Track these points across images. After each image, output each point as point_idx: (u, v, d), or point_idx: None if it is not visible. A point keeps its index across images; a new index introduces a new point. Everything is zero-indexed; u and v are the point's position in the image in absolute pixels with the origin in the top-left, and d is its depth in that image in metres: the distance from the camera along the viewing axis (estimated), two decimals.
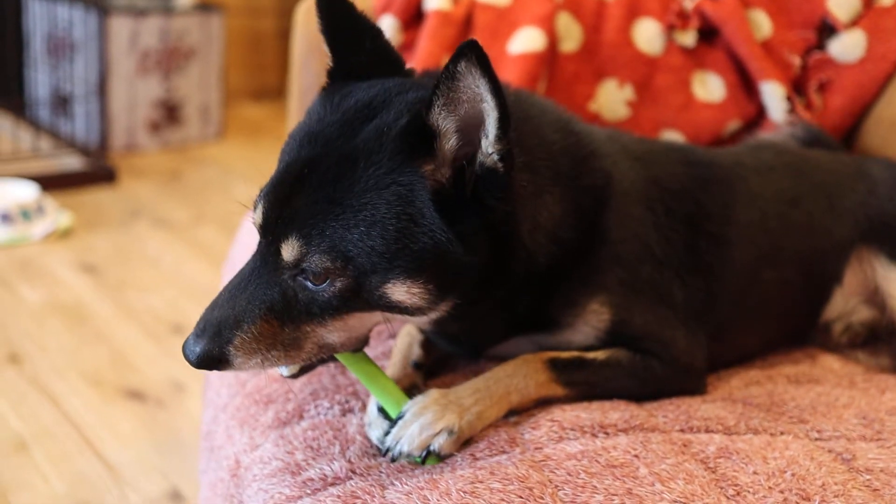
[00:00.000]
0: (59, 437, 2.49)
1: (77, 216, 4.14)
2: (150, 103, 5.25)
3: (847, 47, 2.05)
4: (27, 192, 4.00)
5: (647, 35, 2.14)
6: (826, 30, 2.09)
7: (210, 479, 1.47)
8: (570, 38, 2.14)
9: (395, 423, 1.21)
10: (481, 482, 1.11)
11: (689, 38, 2.13)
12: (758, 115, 2.13)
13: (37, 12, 5.12)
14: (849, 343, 1.69)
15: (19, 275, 3.53)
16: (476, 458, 1.18)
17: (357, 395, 1.39)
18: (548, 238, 1.28)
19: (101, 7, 4.79)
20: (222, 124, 5.70)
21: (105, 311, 3.28)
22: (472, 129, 1.10)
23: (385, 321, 1.21)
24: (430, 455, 1.18)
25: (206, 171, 5.08)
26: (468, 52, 1.01)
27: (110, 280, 3.55)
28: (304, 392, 1.40)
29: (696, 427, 1.28)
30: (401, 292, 1.13)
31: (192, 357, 1.14)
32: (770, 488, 1.13)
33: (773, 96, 2.05)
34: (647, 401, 1.37)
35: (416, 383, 1.37)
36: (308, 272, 1.12)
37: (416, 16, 2.17)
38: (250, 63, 6.64)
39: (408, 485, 1.13)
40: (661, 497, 1.10)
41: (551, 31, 2.10)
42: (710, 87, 2.14)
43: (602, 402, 1.32)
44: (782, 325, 1.67)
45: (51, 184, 4.34)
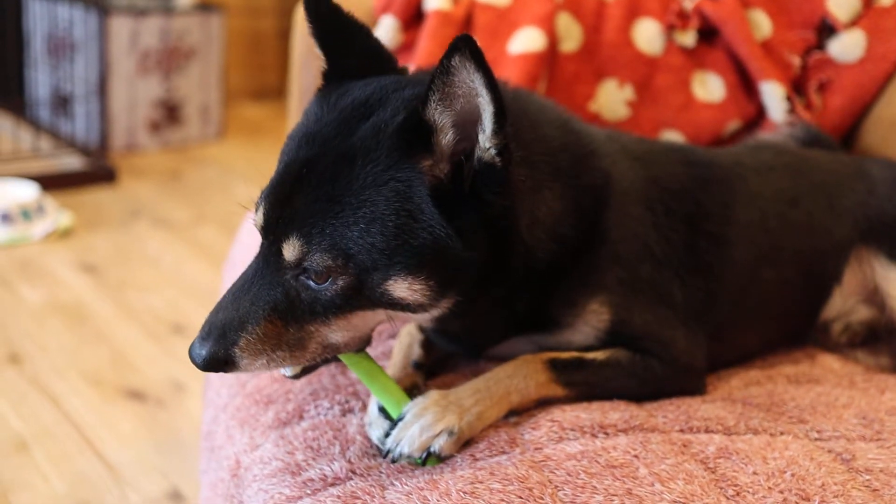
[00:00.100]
0: (59, 436, 2.49)
1: (77, 216, 4.14)
2: (151, 103, 5.26)
3: (847, 47, 2.05)
4: (27, 191, 4.00)
5: (647, 35, 2.14)
6: (826, 30, 2.09)
7: (210, 479, 1.47)
8: (570, 38, 2.14)
9: (395, 424, 1.22)
10: (481, 482, 1.11)
11: (689, 38, 2.13)
12: (758, 115, 2.13)
13: (37, 12, 5.12)
14: (848, 342, 1.69)
15: (19, 275, 3.53)
16: (476, 459, 1.18)
17: (357, 395, 1.39)
18: (547, 234, 1.28)
19: (101, 7, 4.79)
20: (222, 124, 5.70)
21: (105, 311, 3.28)
22: (468, 123, 1.10)
23: (388, 319, 1.21)
24: (430, 456, 1.18)
25: (207, 171, 5.08)
26: (462, 46, 1.01)
27: (110, 280, 3.55)
28: (305, 392, 1.40)
29: (695, 427, 1.28)
30: (402, 289, 1.13)
31: (199, 360, 1.14)
32: (770, 488, 1.14)
33: (773, 96, 2.05)
34: (647, 401, 1.37)
35: (416, 383, 1.37)
36: (310, 271, 1.13)
37: (416, 16, 2.17)
38: (250, 63, 6.64)
39: (408, 485, 1.13)
40: (660, 497, 1.10)
41: (551, 32, 2.10)
42: (710, 87, 2.14)
43: (602, 402, 1.32)
44: (782, 325, 1.67)
45: (51, 184, 4.34)
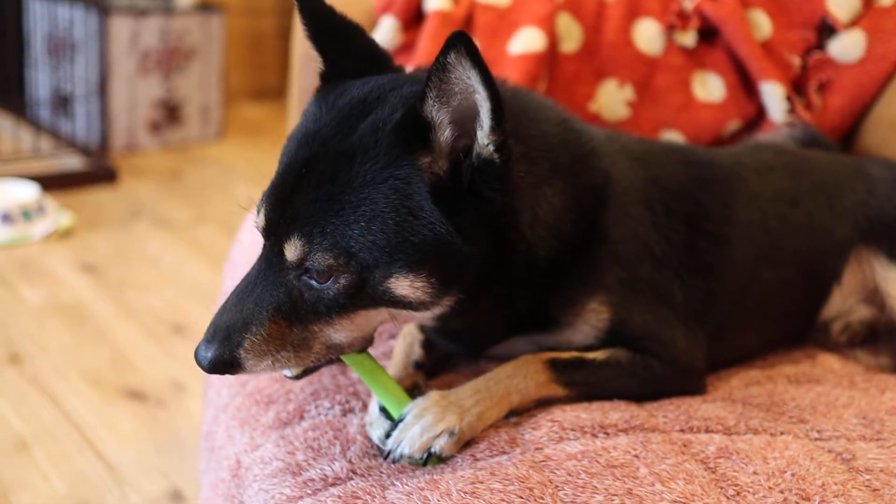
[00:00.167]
0: (59, 437, 2.49)
1: (77, 216, 4.14)
2: (151, 103, 5.26)
3: (847, 47, 2.05)
4: (28, 192, 4.00)
5: (648, 35, 2.14)
6: (826, 30, 2.09)
7: (211, 479, 1.47)
8: (571, 38, 2.14)
9: (396, 424, 1.22)
10: (482, 482, 1.11)
11: (689, 38, 2.13)
12: (758, 116, 2.13)
13: (37, 12, 5.12)
14: (848, 342, 1.69)
15: (20, 275, 3.53)
16: (476, 459, 1.18)
17: (358, 395, 1.39)
18: (548, 231, 1.28)
19: (101, 7, 4.79)
20: (223, 124, 5.70)
21: (105, 311, 3.28)
22: (467, 120, 1.10)
23: (391, 318, 1.21)
24: (431, 457, 1.19)
25: (207, 171, 5.08)
26: (457, 42, 1.02)
27: (111, 280, 3.55)
28: (305, 392, 1.41)
29: (696, 427, 1.28)
30: (404, 286, 1.13)
31: (205, 363, 1.14)
32: (770, 488, 1.14)
33: (773, 96, 2.05)
34: (647, 401, 1.38)
35: (417, 383, 1.37)
36: (312, 271, 1.13)
37: (416, 16, 2.17)
38: (251, 63, 6.64)
39: (408, 485, 1.13)
40: (661, 497, 1.10)
41: (551, 32, 2.10)
42: (710, 88, 2.14)
43: (602, 402, 1.33)
44: (782, 325, 1.67)
45: (51, 184, 4.34)
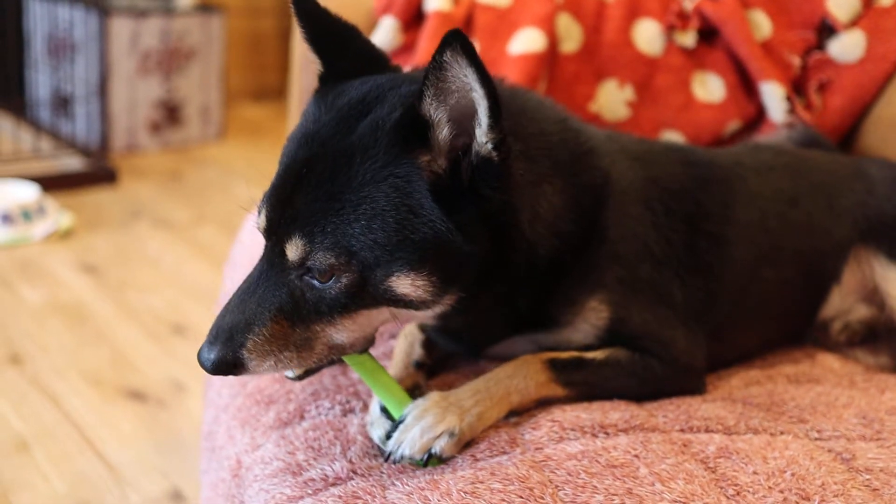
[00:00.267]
0: (59, 437, 2.49)
1: (78, 217, 4.14)
2: (151, 104, 5.26)
3: (847, 47, 2.05)
4: (28, 192, 4.00)
5: (648, 35, 2.14)
6: (826, 30, 2.10)
7: (211, 479, 1.47)
8: (571, 38, 2.14)
9: (397, 424, 1.22)
10: (482, 482, 1.11)
11: (689, 38, 2.13)
12: (758, 116, 2.13)
13: (37, 13, 5.12)
14: (847, 342, 1.69)
15: (20, 275, 3.53)
16: (477, 459, 1.18)
17: (358, 395, 1.39)
18: (548, 229, 1.29)
19: (101, 8, 4.79)
20: (223, 125, 5.70)
21: (106, 312, 3.28)
22: (465, 118, 1.10)
23: (393, 318, 1.21)
24: (431, 457, 1.19)
25: (207, 172, 5.08)
26: (452, 41, 1.02)
27: (111, 280, 3.55)
28: (306, 392, 1.41)
29: (696, 427, 1.28)
30: (405, 285, 1.13)
31: (208, 364, 1.14)
32: (770, 488, 1.14)
33: (773, 96, 2.05)
34: (647, 400, 1.38)
35: (418, 383, 1.37)
36: (314, 270, 1.13)
37: (416, 16, 2.17)
38: (251, 63, 6.64)
39: (409, 485, 1.13)
40: (661, 497, 1.10)
41: (551, 32, 2.10)
42: (710, 88, 2.14)
43: (602, 402, 1.33)
44: (781, 325, 1.67)
45: (51, 184, 4.35)
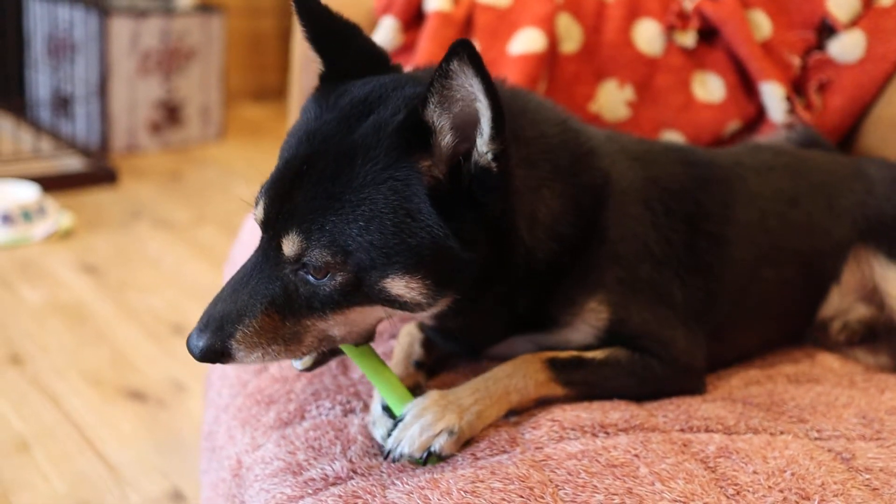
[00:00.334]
0: (59, 437, 2.49)
1: (78, 217, 4.14)
2: (151, 104, 5.26)
3: (847, 47, 2.05)
4: (28, 192, 4.00)
5: (648, 36, 2.14)
6: (826, 30, 2.10)
7: (212, 479, 1.47)
8: (571, 38, 2.14)
9: (397, 423, 1.22)
10: (482, 481, 1.11)
11: (689, 38, 2.13)
12: (758, 116, 2.13)
13: (37, 13, 5.12)
14: (846, 341, 1.69)
15: (20, 275, 3.53)
16: (477, 458, 1.18)
17: (358, 395, 1.39)
18: (547, 234, 1.29)
19: (101, 8, 4.79)
20: (223, 125, 5.70)
21: (106, 312, 3.28)
22: (468, 126, 1.10)
23: (387, 316, 1.21)
24: (431, 456, 1.19)
25: (207, 172, 5.08)
26: (460, 50, 1.02)
27: (111, 280, 3.55)
28: (306, 392, 1.41)
29: (696, 427, 1.28)
30: (399, 287, 1.13)
31: (196, 351, 1.15)
32: (770, 487, 1.14)
33: (773, 96, 2.05)
34: (647, 400, 1.38)
35: (418, 382, 1.37)
36: (309, 266, 1.13)
37: (416, 17, 2.17)
38: (251, 63, 6.64)
39: (409, 484, 1.13)
40: (661, 496, 1.10)
41: (551, 32, 2.10)
42: (710, 88, 2.14)
43: (602, 401, 1.33)
44: (781, 325, 1.67)
45: (52, 184, 4.35)
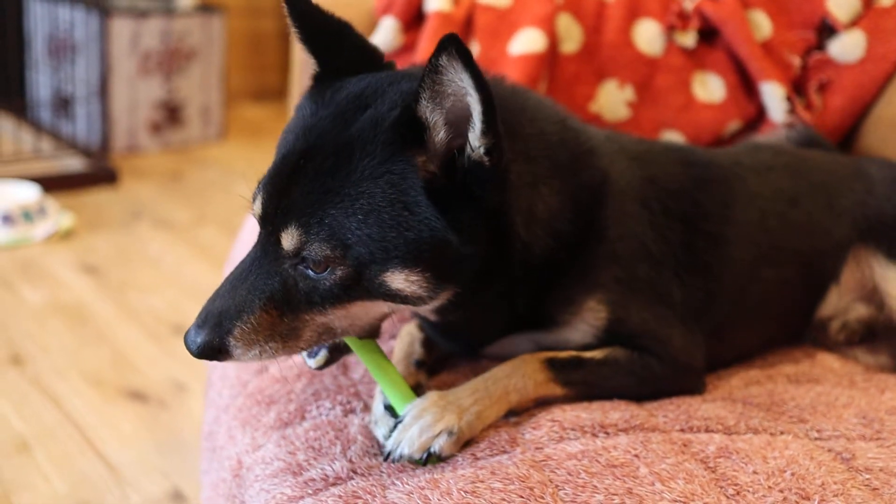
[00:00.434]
0: (60, 437, 2.49)
1: (78, 217, 4.14)
2: (152, 104, 5.26)
3: (847, 47, 2.05)
4: (29, 193, 4.00)
5: (648, 36, 2.14)
6: (826, 30, 2.10)
7: (212, 479, 1.47)
8: (571, 38, 2.14)
9: (397, 423, 1.22)
10: (482, 482, 1.11)
11: (689, 38, 2.13)
12: (758, 116, 2.13)
13: (38, 13, 5.12)
14: (846, 341, 1.69)
15: (21, 276, 3.53)
16: (477, 458, 1.19)
17: (359, 395, 1.39)
18: (544, 231, 1.29)
19: (102, 8, 4.79)
20: (223, 125, 5.71)
21: (106, 312, 3.28)
22: (461, 121, 1.11)
23: (390, 311, 1.21)
24: (430, 456, 1.19)
25: (208, 172, 5.08)
26: (448, 45, 1.02)
27: (111, 281, 3.55)
28: (306, 393, 1.41)
29: (696, 427, 1.28)
30: (399, 280, 1.13)
31: (193, 347, 1.15)
32: (770, 487, 1.14)
33: (774, 96, 2.05)
34: (646, 400, 1.38)
35: (419, 382, 1.37)
36: (308, 260, 1.13)
37: (416, 17, 2.17)
38: (251, 64, 6.64)
39: (409, 484, 1.13)
40: (661, 496, 1.10)
41: (552, 32, 2.10)
42: (710, 88, 2.14)
43: (602, 402, 1.33)
44: (781, 325, 1.67)
45: (52, 185, 4.35)
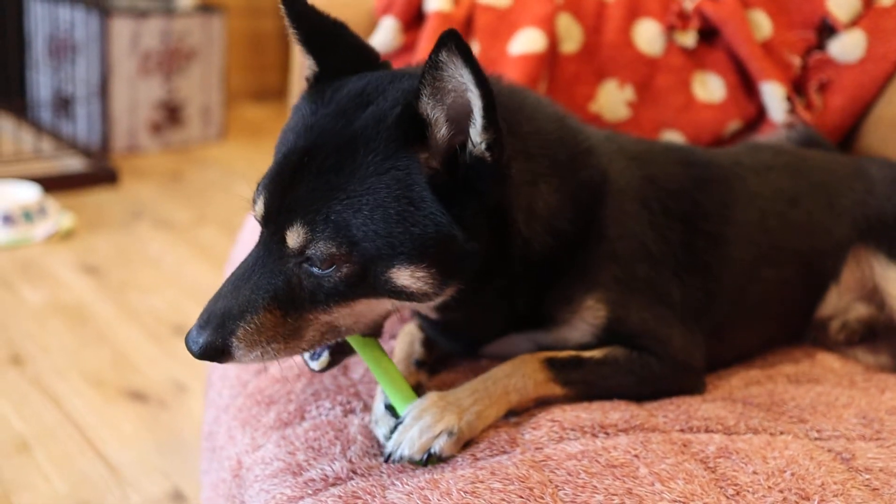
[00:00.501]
0: (60, 437, 2.49)
1: (79, 217, 4.14)
2: (152, 104, 5.26)
3: (847, 47, 2.05)
4: (29, 193, 4.00)
5: (648, 36, 2.14)
6: (826, 30, 2.10)
7: (212, 479, 1.47)
8: (571, 38, 2.14)
9: (397, 424, 1.22)
10: (482, 482, 1.11)
11: (689, 38, 2.13)
12: (758, 116, 2.13)
13: (38, 14, 5.12)
14: (846, 341, 1.69)
15: (21, 276, 3.53)
16: (477, 458, 1.19)
17: (358, 395, 1.39)
18: (544, 228, 1.29)
19: (102, 8, 4.79)
20: (223, 125, 5.71)
21: (106, 312, 3.28)
22: (462, 117, 1.11)
23: (394, 308, 1.21)
24: (431, 457, 1.19)
25: (208, 172, 5.08)
26: (448, 41, 1.02)
27: (112, 281, 3.55)
28: (306, 393, 1.41)
29: (696, 427, 1.28)
30: (405, 276, 1.13)
31: (195, 348, 1.14)
32: (770, 488, 1.14)
33: (774, 96, 2.05)
34: (646, 399, 1.38)
35: (420, 382, 1.37)
36: (314, 258, 1.13)
37: (417, 17, 2.17)
38: (251, 64, 6.64)
39: (409, 485, 1.13)
40: (661, 497, 1.10)
41: (552, 32, 2.10)
42: (710, 88, 2.14)
43: (602, 402, 1.33)
44: (781, 325, 1.67)
45: (52, 185, 4.35)
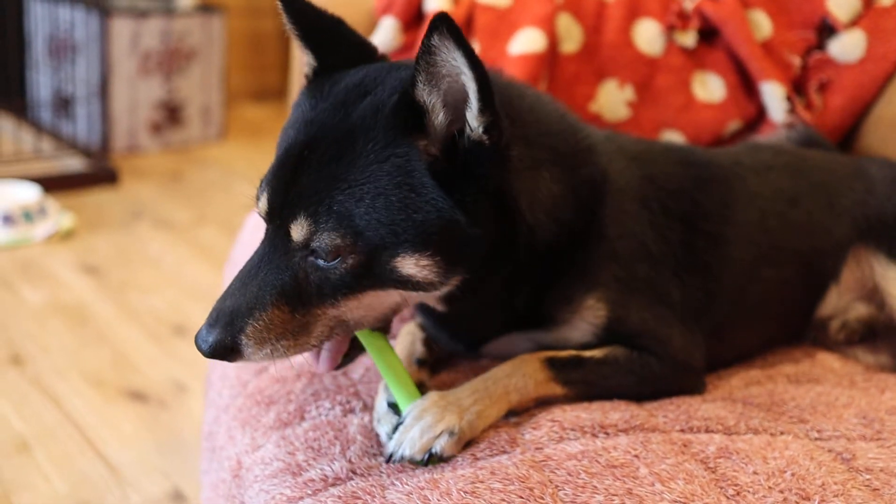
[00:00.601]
0: (60, 437, 2.49)
1: (79, 217, 4.14)
2: (152, 104, 5.26)
3: (847, 47, 2.05)
4: (29, 193, 4.00)
5: (648, 36, 2.14)
6: (826, 30, 2.10)
7: (212, 479, 1.47)
8: (571, 38, 2.14)
9: (398, 424, 1.22)
10: (482, 482, 1.11)
11: (689, 38, 2.13)
12: (758, 116, 2.13)
13: (38, 14, 5.12)
14: (846, 340, 1.69)
15: (21, 276, 3.53)
16: (477, 458, 1.19)
17: (358, 395, 1.39)
18: (547, 216, 1.29)
19: (102, 8, 4.80)
20: (223, 125, 5.71)
21: (107, 312, 3.28)
22: (458, 103, 1.11)
23: (402, 300, 1.22)
24: (432, 457, 1.19)
25: (208, 172, 5.09)
26: (439, 24, 1.02)
27: (112, 281, 3.55)
28: (306, 393, 1.41)
29: (696, 427, 1.28)
30: (410, 265, 1.13)
31: (205, 347, 1.14)
32: (770, 488, 1.14)
33: (774, 96, 2.05)
34: (646, 399, 1.38)
35: (422, 380, 1.37)
36: (319, 251, 1.13)
37: (417, 17, 2.17)
38: (251, 64, 6.64)
39: (408, 485, 1.13)
40: (661, 497, 1.10)
41: (552, 32, 2.10)
42: (710, 88, 2.14)
43: (602, 402, 1.33)
44: (781, 324, 1.67)
45: (52, 185, 4.35)
